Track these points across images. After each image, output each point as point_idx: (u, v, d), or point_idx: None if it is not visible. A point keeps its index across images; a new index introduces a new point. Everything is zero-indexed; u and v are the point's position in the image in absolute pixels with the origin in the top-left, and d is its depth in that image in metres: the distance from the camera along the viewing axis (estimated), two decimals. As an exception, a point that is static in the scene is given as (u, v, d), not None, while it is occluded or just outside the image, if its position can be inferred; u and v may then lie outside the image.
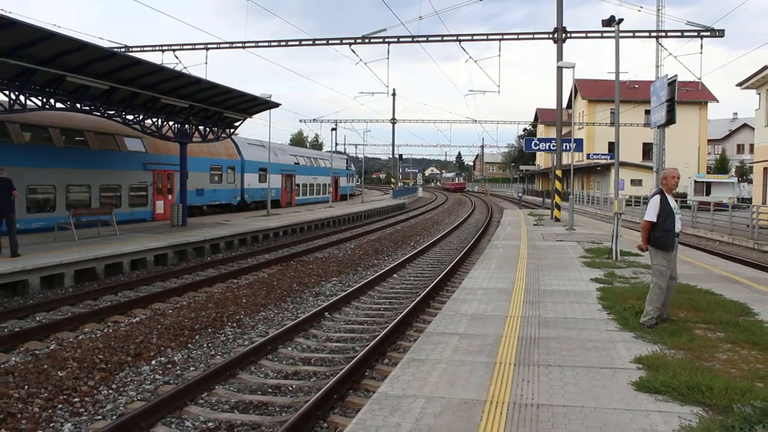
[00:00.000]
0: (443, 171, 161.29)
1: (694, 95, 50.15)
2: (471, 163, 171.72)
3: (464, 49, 26.98)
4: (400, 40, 26.50)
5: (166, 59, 30.32)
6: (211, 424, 6.49)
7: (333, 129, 52.97)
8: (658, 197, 7.65)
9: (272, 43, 27.10)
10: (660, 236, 7.63)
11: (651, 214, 7.61)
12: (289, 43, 27.07)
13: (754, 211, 23.60)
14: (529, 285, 10.97)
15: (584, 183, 66.23)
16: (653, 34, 27.71)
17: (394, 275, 15.92)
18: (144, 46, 27.26)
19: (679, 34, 25.50)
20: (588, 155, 54.72)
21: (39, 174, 19.70)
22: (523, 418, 4.86)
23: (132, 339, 9.29)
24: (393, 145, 71.78)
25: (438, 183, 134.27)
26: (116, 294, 13.16)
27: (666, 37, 26.94)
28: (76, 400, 7.04)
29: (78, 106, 18.11)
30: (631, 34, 25.76)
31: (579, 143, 28.83)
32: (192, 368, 8.35)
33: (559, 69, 26.32)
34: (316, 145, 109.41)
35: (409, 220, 36.44)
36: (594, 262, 13.78)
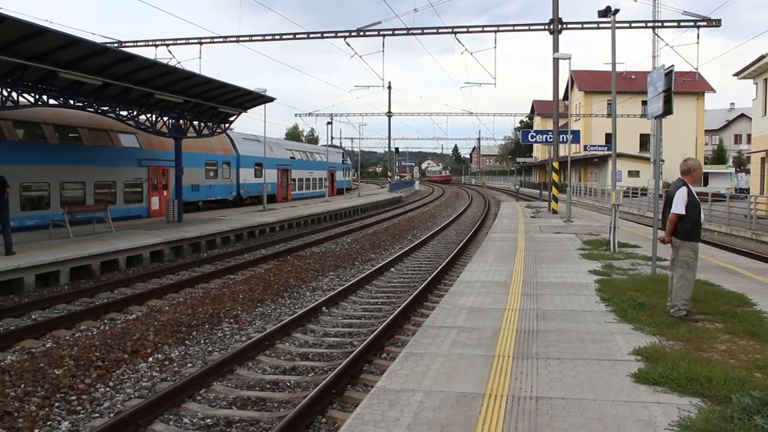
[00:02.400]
0: (439, 164, 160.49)
1: (691, 85, 50.04)
2: (468, 156, 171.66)
3: (460, 41, 26.85)
4: (395, 32, 26.36)
5: (160, 54, 30.12)
6: (209, 420, 6.46)
7: (329, 123, 52.75)
8: (685, 189, 7.58)
9: (266, 37, 26.94)
10: (690, 228, 7.61)
11: (680, 206, 7.53)
12: (284, 36, 26.92)
13: (752, 201, 23.61)
14: (527, 277, 10.95)
15: (581, 175, 66.20)
16: (649, 24, 27.60)
17: (392, 269, 15.89)
18: (137, 41, 27.09)
19: (676, 24, 25.43)
20: (585, 147, 54.69)
21: (33, 171, 19.60)
22: (522, 411, 4.84)
23: (129, 336, 9.24)
24: (389, 138, 71.79)
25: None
26: (112, 291, 13.10)
27: (662, 27, 26.86)
28: (73, 398, 7.00)
29: (71, 102, 18.03)
30: (627, 25, 25.69)
31: (576, 135, 28.84)
32: (189, 365, 8.31)
33: (555, 60, 26.27)
34: (312, 139, 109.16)
35: (406, 214, 36.41)
36: (592, 254, 13.77)
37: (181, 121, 23.11)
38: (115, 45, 25.34)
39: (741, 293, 8.94)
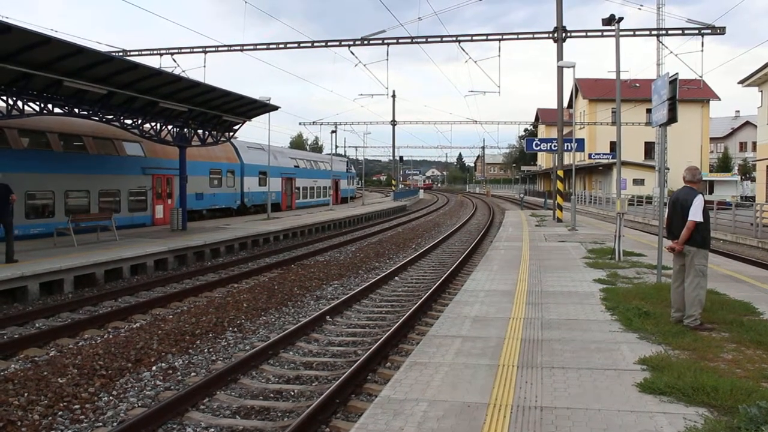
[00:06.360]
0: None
1: (696, 93, 50.07)
2: (472, 164, 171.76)
3: (464, 50, 26.99)
4: (400, 41, 26.49)
5: (165, 63, 30.38)
6: (212, 430, 6.44)
7: (333, 131, 53.08)
8: (701, 197, 7.56)
9: (270, 46, 27.09)
10: (705, 236, 7.59)
11: (699, 214, 7.47)
12: (288, 45, 27.06)
13: (758, 209, 23.53)
14: (532, 286, 10.91)
15: (586, 183, 66.15)
16: (654, 32, 27.67)
17: (396, 278, 15.86)
18: (142, 50, 27.27)
19: (680, 32, 25.49)
20: (589, 155, 54.64)
21: (37, 179, 19.66)
22: (527, 421, 4.81)
23: (132, 345, 9.23)
24: (393, 146, 71.71)
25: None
26: (116, 300, 13.09)
27: (667, 35, 26.95)
28: (77, 407, 6.98)
29: (76, 110, 18.06)
30: (631, 33, 25.75)
31: (580, 143, 28.79)
32: (193, 374, 8.29)
33: (560, 69, 26.29)
34: (316, 148, 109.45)
35: (410, 223, 36.39)
36: (597, 263, 13.72)
37: (185, 129, 23.17)
38: (120, 54, 25.48)
39: (747, 302, 8.89)
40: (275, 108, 26.49)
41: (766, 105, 32.11)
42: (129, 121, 20.73)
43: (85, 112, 18.52)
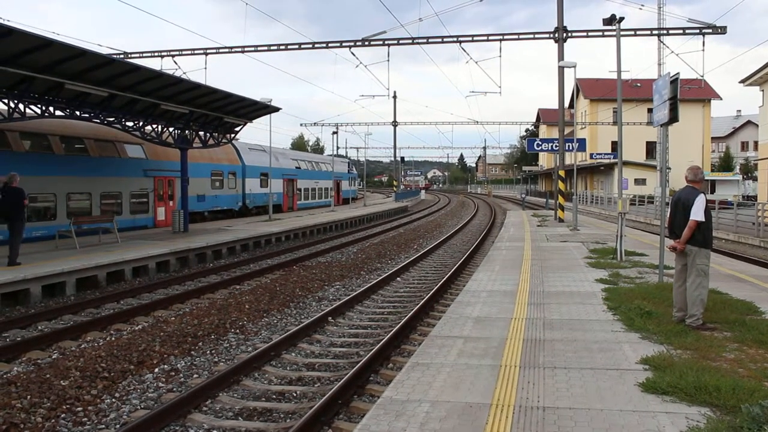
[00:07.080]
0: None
1: (697, 93, 50.00)
2: (473, 165, 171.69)
3: (465, 50, 27.02)
4: (400, 42, 26.50)
5: (166, 65, 30.41)
6: (215, 431, 6.44)
7: (334, 132, 53.07)
8: (703, 196, 7.56)
9: (272, 47, 27.11)
10: (707, 236, 7.59)
11: (701, 213, 7.46)
12: (289, 47, 27.08)
13: (760, 208, 23.51)
14: (534, 287, 10.91)
15: (588, 183, 66.11)
16: (655, 32, 27.67)
17: (398, 279, 15.86)
18: (143, 53, 27.31)
19: (681, 31, 25.48)
20: (591, 155, 54.60)
21: (39, 182, 19.66)
22: (529, 421, 4.81)
23: (135, 347, 9.23)
24: (395, 147, 71.72)
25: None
26: (118, 302, 13.10)
27: (668, 34, 26.94)
28: (79, 409, 6.99)
29: (77, 113, 18.08)
30: (632, 33, 25.74)
31: (581, 143, 28.79)
32: (195, 375, 8.30)
33: (561, 69, 26.30)
34: (318, 149, 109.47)
35: (412, 223, 36.38)
36: (599, 263, 13.72)
37: (186, 131, 23.19)
38: (121, 56, 25.52)
39: (749, 301, 8.88)
40: (276, 109, 26.51)
41: (767, 104, 32.06)
42: (130, 124, 20.76)
43: (87, 115, 18.54)
